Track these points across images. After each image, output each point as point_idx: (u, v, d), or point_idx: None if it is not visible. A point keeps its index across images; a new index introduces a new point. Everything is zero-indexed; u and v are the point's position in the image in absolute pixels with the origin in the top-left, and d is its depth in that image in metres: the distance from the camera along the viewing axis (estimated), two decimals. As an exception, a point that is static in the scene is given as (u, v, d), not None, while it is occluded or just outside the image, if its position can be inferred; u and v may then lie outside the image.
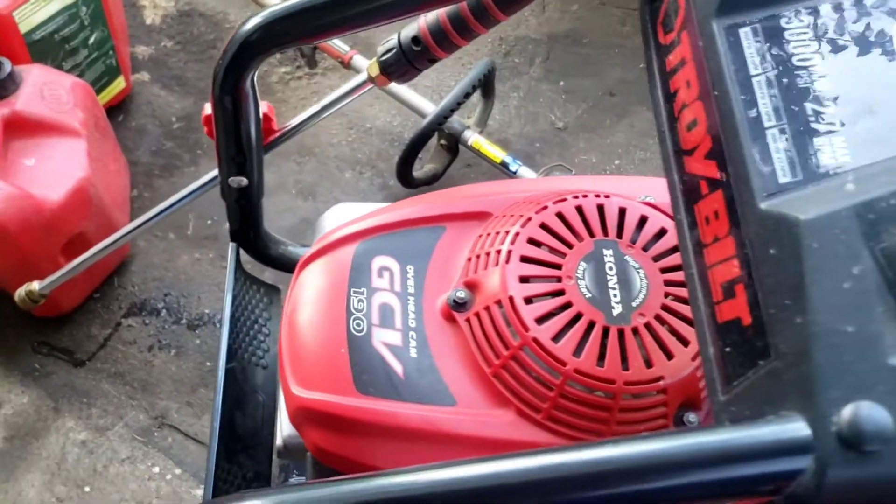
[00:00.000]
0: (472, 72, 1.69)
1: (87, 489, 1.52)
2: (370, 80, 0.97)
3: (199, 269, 1.78)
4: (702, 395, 0.80)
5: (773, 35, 0.61)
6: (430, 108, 1.77)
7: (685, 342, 0.80)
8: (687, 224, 0.63)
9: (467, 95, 1.68)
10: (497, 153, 1.74)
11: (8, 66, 1.49)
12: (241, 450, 1.07)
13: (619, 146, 2.01)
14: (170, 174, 1.91)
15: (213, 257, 1.80)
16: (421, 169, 1.82)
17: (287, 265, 1.20)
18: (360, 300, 0.86)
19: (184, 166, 1.93)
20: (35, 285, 1.40)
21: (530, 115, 2.05)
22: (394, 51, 0.93)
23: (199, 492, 1.52)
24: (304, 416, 0.83)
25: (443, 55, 0.92)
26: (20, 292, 1.41)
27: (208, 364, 1.66)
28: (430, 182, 1.83)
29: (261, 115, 0.96)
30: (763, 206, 0.54)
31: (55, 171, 1.48)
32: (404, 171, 1.75)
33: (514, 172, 1.74)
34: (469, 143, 1.76)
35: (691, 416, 0.79)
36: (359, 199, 1.89)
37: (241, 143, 0.96)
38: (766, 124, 0.57)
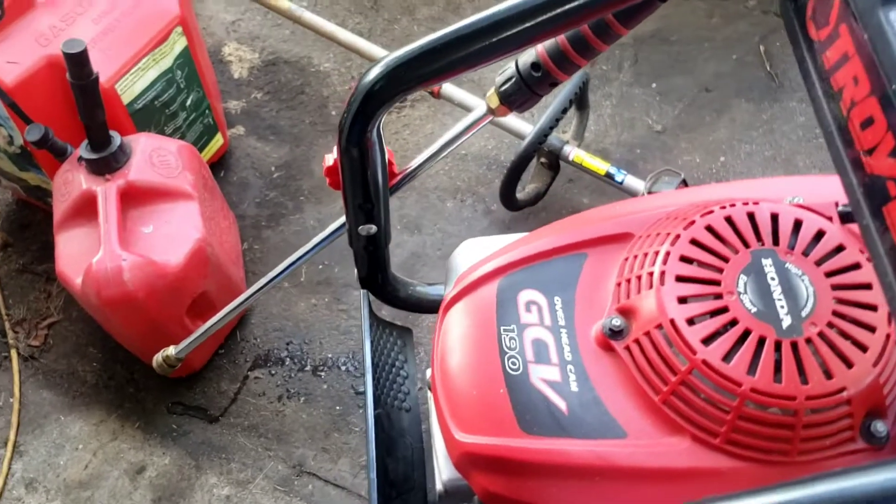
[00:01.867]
0: (567, 86, 1.66)
1: (235, 543, 1.54)
2: (490, 111, 0.96)
3: (317, 315, 1.79)
4: (887, 400, 0.76)
5: (951, 18, 0.57)
6: (527, 129, 1.75)
7: (863, 348, 0.75)
8: (875, 229, 0.59)
9: (565, 111, 1.66)
10: (600, 165, 1.71)
11: (118, 138, 1.53)
12: (396, 496, 1.06)
13: (722, 142, 1.95)
14: (276, 223, 1.94)
15: (329, 301, 1.81)
16: (523, 190, 1.80)
17: (418, 306, 1.19)
18: (511, 338, 0.84)
19: (289, 214, 1.95)
20: (171, 350, 1.43)
21: (626, 121, 2.01)
22: (513, 79, 0.92)
23: (347, 538, 1.53)
24: (471, 461, 0.81)
25: (564, 77, 0.90)
26: (157, 359, 1.45)
27: (338, 408, 1.66)
28: (534, 202, 1.81)
29: (387, 160, 0.95)
30: (974, 203, 0.50)
31: (173, 235, 1.52)
32: (508, 195, 1.73)
33: (621, 183, 1.70)
34: (570, 158, 1.73)
35: (879, 426, 0.75)
36: (463, 227, 1.88)
37: (368, 191, 0.96)
38: (962, 115, 0.53)
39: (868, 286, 0.78)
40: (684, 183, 1.60)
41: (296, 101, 2.15)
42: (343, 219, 1.15)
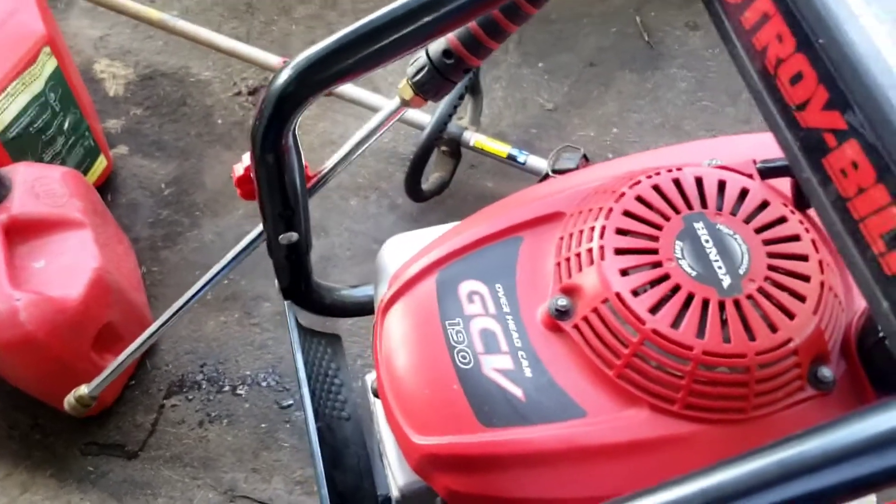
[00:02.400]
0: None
1: (174, 581, 1.47)
2: (404, 103, 0.93)
3: (229, 333, 1.73)
4: (829, 346, 0.78)
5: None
6: (425, 119, 1.73)
7: (802, 298, 0.77)
8: (817, 181, 0.60)
9: (462, 97, 1.65)
10: (502, 148, 1.71)
11: (-6, 172, 1.43)
12: (348, 509, 1.03)
13: (612, 115, 1.99)
14: (173, 243, 1.85)
15: (240, 317, 1.75)
16: (427, 181, 1.78)
17: (344, 311, 1.16)
18: (457, 331, 0.82)
19: (185, 231, 1.87)
20: (84, 389, 1.35)
21: (518, 102, 2.02)
22: (426, 69, 0.89)
23: (293, 557, 1.48)
24: (431, 463, 0.79)
25: (477, 63, 0.89)
26: (69, 399, 1.36)
27: (263, 426, 1.61)
28: (440, 191, 1.80)
29: (304, 164, 0.92)
30: (918, 144, 0.51)
31: (68, 268, 1.43)
32: (414, 187, 1.71)
33: (523, 164, 1.71)
34: (471, 144, 1.73)
35: (825, 371, 0.77)
36: (370, 224, 1.85)
37: (287, 198, 0.92)
38: (893, 61, 0.54)
39: (797, 238, 0.80)
40: (585, 158, 1.62)
41: (178, 113, 2.07)
42: (258, 229, 1.11)
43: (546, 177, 1.62)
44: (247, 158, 0.95)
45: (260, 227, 1.08)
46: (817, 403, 0.77)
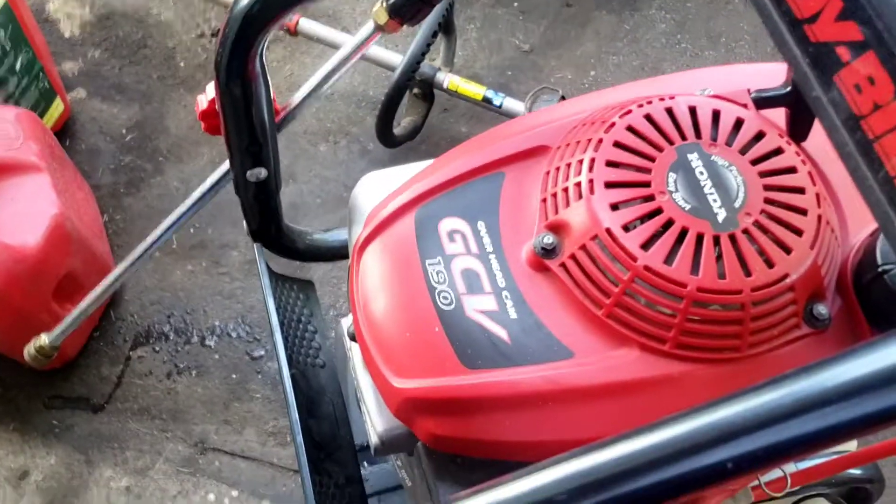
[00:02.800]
0: (434, 9, 1.58)
1: (143, 534, 1.43)
2: (378, 28, 0.87)
3: (196, 282, 1.67)
4: (825, 282, 0.75)
5: None
6: (396, 59, 1.67)
7: (798, 232, 0.74)
8: (829, 100, 0.55)
9: (435, 35, 1.59)
10: (477, 90, 1.66)
11: (-58, 113, 1.35)
12: (326, 457, 0.99)
13: (590, 56, 1.94)
14: (136, 189, 1.78)
15: (207, 265, 1.69)
16: (399, 125, 1.72)
17: (318, 255, 1.11)
18: (438, 271, 0.78)
19: (148, 178, 1.80)
20: (44, 339, 1.29)
21: (493, 43, 1.96)
22: (401, -12, 0.84)
23: (266, 509, 1.45)
24: (414, 407, 0.75)
25: (456, -17, 0.83)
26: (29, 350, 1.30)
27: (234, 377, 1.57)
28: (413, 136, 1.74)
29: (272, 95, 0.86)
30: (942, 53, 0.48)
31: (26, 214, 1.36)
32: (385, 131, 1.65)
33: (499, 106, 1.65)
34: (445, 85, 1.67)
35: (821, 308, 0.74)
36: (341, 170, 1.79)
37: (254, 131, 0.87)
38: (916, -36, 0.50)
39: (793, 170, 0.77)
40: (563, 99, 1.57)
41: (138, 55, 1.98)
42: (224, 167, 1.05)
43: (523, 120, 1.58)
44: (211, 90, 0.89)
45: (226, 166, 1.03)
46: (813, 341, 0.74)
